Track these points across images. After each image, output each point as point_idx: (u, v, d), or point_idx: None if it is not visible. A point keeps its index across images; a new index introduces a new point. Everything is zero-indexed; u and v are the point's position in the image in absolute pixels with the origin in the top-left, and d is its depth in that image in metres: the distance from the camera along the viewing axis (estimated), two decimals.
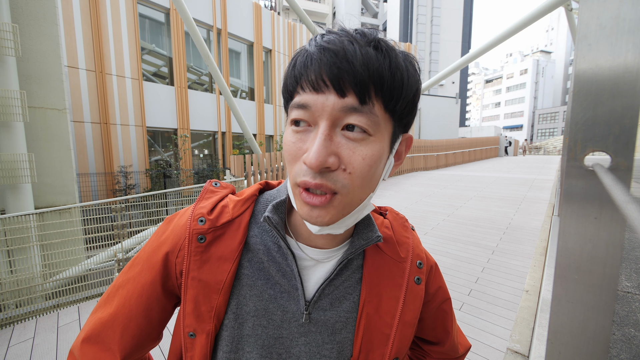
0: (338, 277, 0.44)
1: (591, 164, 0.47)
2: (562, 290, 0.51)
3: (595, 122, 0.46)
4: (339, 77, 0.32)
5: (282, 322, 0.42)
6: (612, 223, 0.46)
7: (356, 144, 0.34)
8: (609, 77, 0.44)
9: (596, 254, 0.48)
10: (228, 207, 0.45)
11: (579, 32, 0.45)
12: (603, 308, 0.49)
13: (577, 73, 0.47)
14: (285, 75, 0.38)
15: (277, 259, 0.43)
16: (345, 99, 0.33)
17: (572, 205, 0.49)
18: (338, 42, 0.33)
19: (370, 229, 0.45)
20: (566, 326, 0.51)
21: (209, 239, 0.42)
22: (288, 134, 0.37)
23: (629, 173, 0.44)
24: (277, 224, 0.41)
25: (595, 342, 0.50)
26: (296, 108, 0.35)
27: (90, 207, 3.27)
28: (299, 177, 0.35)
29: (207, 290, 0.41)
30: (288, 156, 0.37)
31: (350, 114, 0.33)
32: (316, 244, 0.44)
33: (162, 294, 0.44)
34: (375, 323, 0.44)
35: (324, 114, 0.33)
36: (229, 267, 0.42)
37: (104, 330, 0.42)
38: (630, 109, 0.43)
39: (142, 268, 0.44)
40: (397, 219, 0.53)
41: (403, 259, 0.47)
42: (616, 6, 0.43)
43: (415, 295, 0.47)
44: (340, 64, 0.32)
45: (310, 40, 0.37)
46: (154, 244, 0.45)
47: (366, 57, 0.33)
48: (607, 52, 0.44)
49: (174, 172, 9.93)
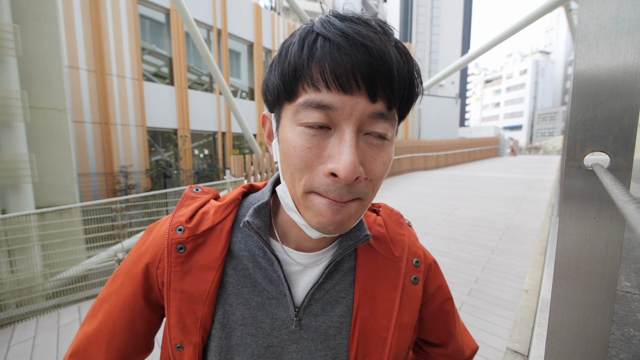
0: (328, 281, 0.42)
1: (590, 164, 0.47)
2: (561, 290, 0.51)
3: (594, 122, 0.46)
4: (374, 80, 0.29)
5: (272, 329, 0.41)
6: (611, 223, 0.46)
7: (378, 150, 0.33)
8: (609, 77, 0.44)
9: (595, 254, 0.48)
10: (209, 214, 0.42)
11: (579, 33, 0.46)
12: (602, 308, 0.49)
13: (576, 73, 0.47)
14: (291, 56, 0.31)
15: (262, 265, 0.41)
16: (375, 105, 0.30)
17: (572, 205, 0.49)
18: (372, 37, 0.29)
19: (359, 228, 0.42)
20: (565, 326, 0.51)
21: (189, 248, 0.40)
22: (297, 136, 0.32)
23: (628, 173, 0.44)
24: (258, 228, 0.39)
25: (595, 342, 0.50)
26: (314, 108, 0.30)
27: (91, 207, 3.27)
28: (320, 189, 0.31)
29: (191, 301, 0.39)
30: (300, 163, 0.32)
31: (377, 121, 0.31)
32: (304, 247, 0.42)
33: (145, 307, 0.42)
34: (370, 327, 0.42)
35: (352, 118, 0.30)
36: (212, 276, 0.40)
37: (89, 345, 0.42)
38: (630, 109, 0.43)
39: (124, 280, 0.42)
40: (391, 216, 0.50)
41: (398, 258, 0.45)
42: (616, 6, 0.43)
43: (413, 296, 0.44)
44: (377, 66, 0.29)
45: (321, 21, 0.31)
46: (135, 255, 0.43)
47: (397, 60, 0.30)
48: (606, 52, 0.44)
49: (174, 172, 9.93)
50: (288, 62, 0.31)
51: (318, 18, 0.32)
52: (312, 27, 0.32)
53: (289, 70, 0.31)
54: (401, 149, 10.34)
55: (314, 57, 0.30)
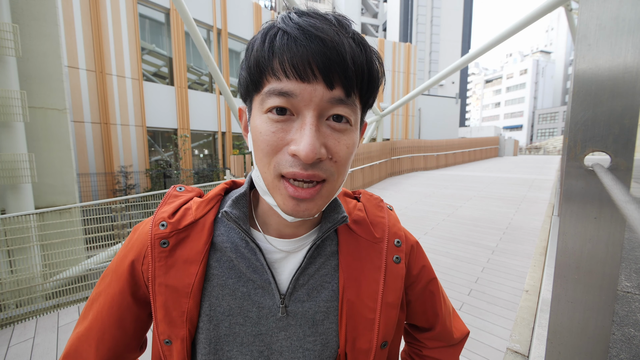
0: (311, 265, 0.43)
1: (591, 164, 0.47)
2: (561, 290, 0.51)
3: (595, 122, 0.46)
4: (329, 69, 0.32)
5: (259, 318, 0.41)
6: (611, 223, 0.46)
7: (340, 134, 0.35)
8: (609, 77, 0.44)
9: (596, 254, 0.48)
10: (191, 209, 0.44)
11: (579, 32, 0.45)
12: (603, 308, 0.49)
13: (576, 73, 0.47)
14: (255, 51, 0.34)
15: (245, 255, 0.42)
16: (333, 91, 0.33)
17: (572, 205, 0.49)
18: (325, 29, 0.32)
19: (337, 211, 0.44)
20: (566, 326, 0.51)
21: (172, 242, 0.41)
22: (263, 123, 0.34)
23: (628, 173, 0.44)
24: (237, 218, 0.40)
25: (595, 342, 0.50)
26: (276, 95, 0.33)
27: (91, 207, 3.27)
28: (284, 168, 0.34)
29: (176, 295, 0.40)
30: (266, 147, 0.34)
31: (336, 106, 0.34)
32: (285, 233, 0.43)
33: (133, 303, 0.43)
34: (357, 309, 0.42)
35: (311, 104, 0.33)
36: (196, 269, 0.40)
37: (80, 345, 0.43)
38: (630, 109, 0.43)
39: (111, 279, 0.43)
40: (371, 200, 0.51)
41: (379, 239, 0.46)
42: (616, 6, 0.43)
43: (396, 275, 0.45)
44: (330, 55, 0.31)
45: (282, 18, 0.34)
46: (121, 254, 0.44)
47: (351, 50, 0.33)
48: (606, 52, 0.44)
49: (174, 172, 9.93)
50: (252, 55, 0.34)
51: (280, 15, 0.35)
52: (274, 23, 0.34)
53: (253, 63, 0.34)
54: (401, 149, 10.33)
55: (274, 50, 0.32)
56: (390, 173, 9.82)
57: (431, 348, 0.55)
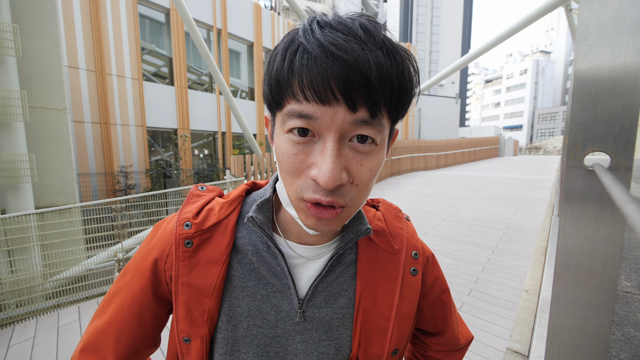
0: (331, 274, 0.44)
1: (591, 164, 0.47)
2: (561, 290, 0.51)
3: (595, 122, 0.46)
4: (351, 91, 0.30)
5: (277, 321, 0.42)
6: (611, 223, 0.46)
7: (364, 156, 0.33)
8: (609, 77, 0.44)
9: (596, 254, 0.48)
10: (214, 210, 0.44)
11: (579, 33, 0.45)
12: (603, 308, 0.49)
13: (576, 73, 0.47)
14: (275, 68, 0.33)
15: (266, 259, 0.42)
16: (356, 114, 0.31)
17: (572, 205, 0.49)
18: (347, 48, 0.29)
19: (360, 222, 0.44)
20: (566, 326, 0.51)
21: (196, 242, 0.42)
22: (285, 143, 0.34)
23: (628, 173, 0.44)
24: (262, 223, 0.41)
25: (595, 342, 0.50)
26: (296, 117, 0.32)
27: (91, 207, 3.27)
28: (306, 193, 0.33)
29: (198, 294, 0.41)
30: (289, 169, 0.34)
31: (360, 127, 0.32)
32: (306, 241, 0.44)
33: (154, 301, 0.44)
34: (372, 317, 0.43)
35: (333, 127, 0.31)
36: (218, 269, 0.41)
37: (99, 339, 0.43)
38: (630, 109, 0.43)
39: (133, 276, 0.44)
40: (390, 210, 0.52)
41: (397, 250, 0.46)
42: (616, 6, 0.43)
43: (412, 287, 0.46)
44: (353, 77, 0.29)
45: (304, 29, 0.32)
46: (144, 251, 0.45)
47: (378, 66, 0.30)
48: (606, 52, 0.44)
49: (174, 172, 9.93)
50: (273, 74, 0.33)
51: (303, 23, 0.33)
52: (296, 35, 0.32)
53: (274, 82, 0.33)
54: (401, 149, 10.34)
55: (294, 70, 0.31)
56: (390, 173, 9.82)
57: (436, 351, 0.57)
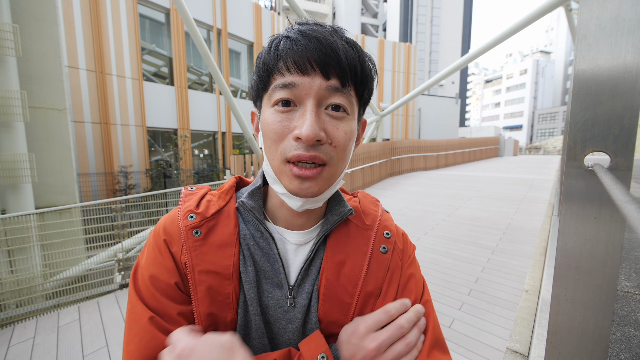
0: (316, 258, 0.45)
1: (591, 164, 0.47)
2: (561, 290, 0.51)
3: (594, 122, 0.46)
4: (325, 62, 0.37)
5: (267, 308, 0.43)
6: (611, 223, 0.46)
7: (338, 122, 0.39)
8: (609, 77, 0.44)
9: (596, 254, 0.48)
10: (212, 200, 0.46)
11: (579, 33, 0.45)
12: (602, 308, 0.49)
13: (576, 73, 0.47)
14: (263, 57, 0.40)
15: (261, 244, 0.44)
16: (329, 81, 0.38)
17: (572, 205, 0.49)
18: (321, 31, 0.38)
19: (342, 205, 0.47)
20: (566, 326, 0.51)
21: (204, 231, 0.43)
22: (270, 114, 0.39)
23: (628, 173, 0.44)
24: (252, 208, 0.44)
25: (595, 342, 0.50)
26: (281, 88, 0.38)
27: (91, 207, 3.27)
28: (289, 152, 0.38)
29: (219, 278, 0.41)
30: (273, 135, 0.38)
31: (333, 94, 0.38)
32: (293, 225, 0.46)
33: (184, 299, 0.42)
34: (335, 291, 0.43)
35: (311, 92, 0.37)
36: (232, 250, 0.42)
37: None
38: (630, 109, 0.43)
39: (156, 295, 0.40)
40: (367, 197, 0.55)
41: (368, 226, 0.48)
42: (616, 6, 0.43)
43: (380, 265, 0.45)
44: (325, 51, 0.37)
45: (285, 29, 0.40)
46: (148, 261, 0.42)
47: (344, 48, 0.38)
48: (606, 52, 0.44)
49: (174, 172, 9.93)
50: (261, 61, 0.40)
51: (286, 28, 0.41)
52: (279, 34, 0.40)
53: (262, 67, 0.40)
54: (401, 149, 10.33)
55: (279, 53, 0.38)
56: (390, 173, 9.82)
57: None
